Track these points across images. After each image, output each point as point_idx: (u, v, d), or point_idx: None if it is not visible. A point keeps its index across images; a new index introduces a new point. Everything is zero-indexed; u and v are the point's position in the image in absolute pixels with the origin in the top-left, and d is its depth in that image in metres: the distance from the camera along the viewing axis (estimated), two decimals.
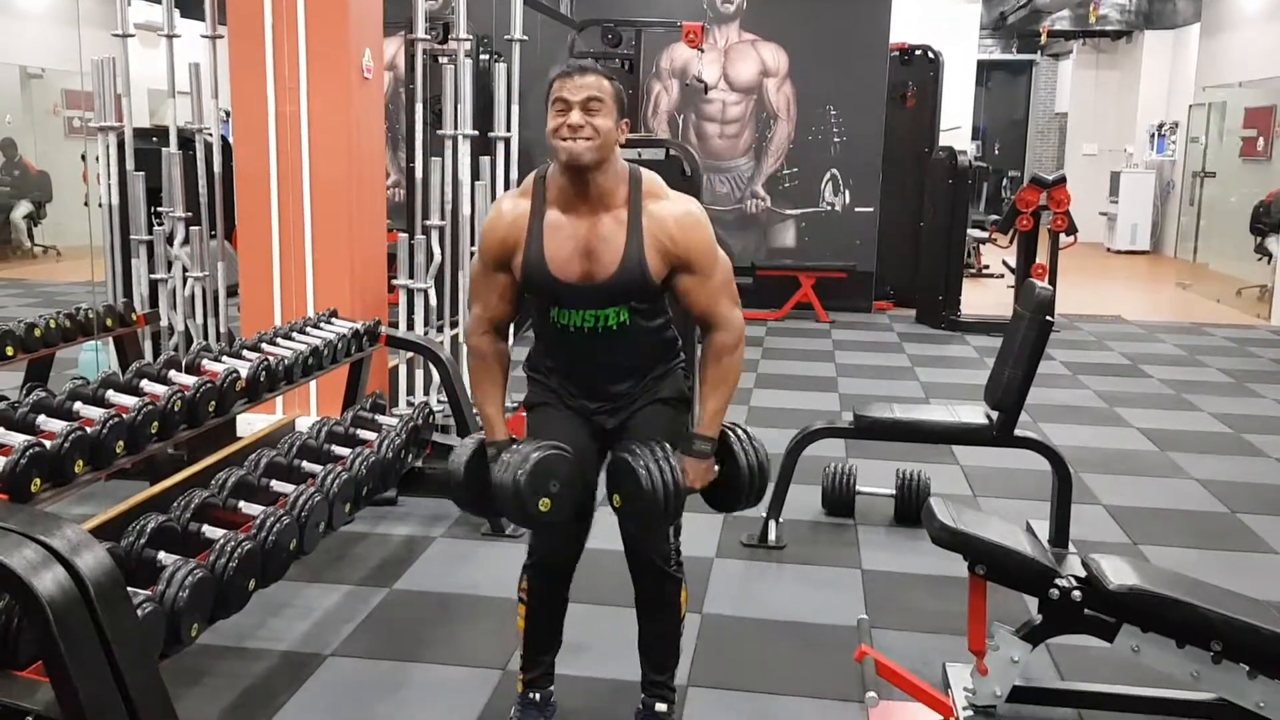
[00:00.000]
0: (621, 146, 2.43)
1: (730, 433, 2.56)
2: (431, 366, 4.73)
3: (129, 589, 1.95)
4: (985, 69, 17.38)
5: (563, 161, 2.37)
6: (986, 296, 10.65)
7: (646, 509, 2.41)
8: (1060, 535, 3.96)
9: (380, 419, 3.81)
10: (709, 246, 2.46)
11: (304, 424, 4.09)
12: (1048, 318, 3.74)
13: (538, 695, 2.77)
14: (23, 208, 12.28)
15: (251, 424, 4.45)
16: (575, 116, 2.33)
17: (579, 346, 2.52)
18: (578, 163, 2.35)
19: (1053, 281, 8.35)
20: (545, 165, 2.48)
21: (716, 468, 2.54)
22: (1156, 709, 2.81)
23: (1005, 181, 17.87)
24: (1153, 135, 15.51)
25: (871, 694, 2.69)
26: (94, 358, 5.07)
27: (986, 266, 12.39)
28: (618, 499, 2.46)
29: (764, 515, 4.11)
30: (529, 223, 2.44)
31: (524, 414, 2.68)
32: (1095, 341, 8.68)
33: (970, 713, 2.72)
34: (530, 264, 2.43)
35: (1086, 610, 2.61)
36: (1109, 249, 15.42)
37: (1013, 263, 9.12)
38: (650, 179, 2.48)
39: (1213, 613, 2.52)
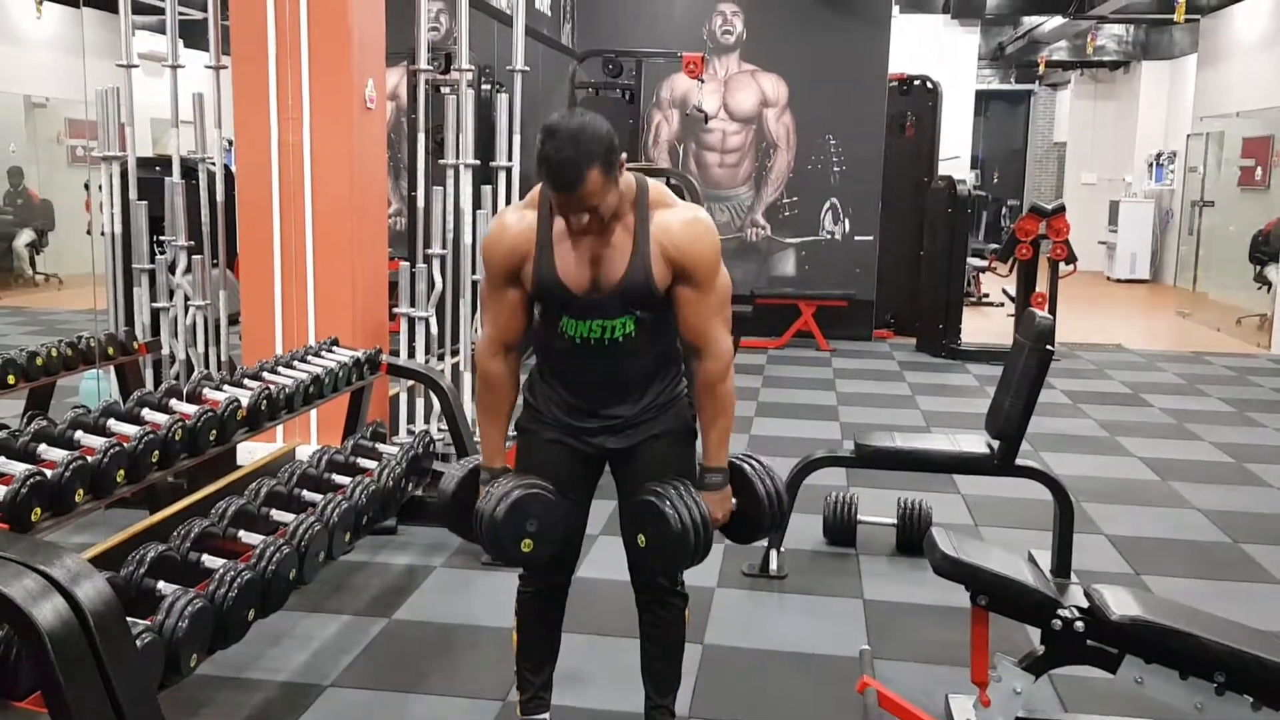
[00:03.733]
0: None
1: (744, 464, 2.58)
2: (432, 395, 4.73)
3: (128, 619, 1.94)
4: (984, 99, 17.50)
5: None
6: (987, 325, 10.67)
7: (677, 549, 2.41)
8: (1062, 565, 3.95)
9: (381, 447, 3.81)
10: (713, 260, 2.45)
11: (304, 452, 4.09)
12: (1048, 347, 3.74)
13: None
14: (25, 236, 12.31)
15: (252, 452, 4.45)
16: (579, 219, 2.34)
17: (584, 358, 2.51)
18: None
19: (1053, 310, 8.36)
20: None
21: (734, 500, 2.55)
22: None
23: (1004, 210, 17.93)
24: (1151, 164, 15.58)
25: None
26: (95, 386, 5.07)
27: (986, 295, 12.42)
28: (642, 539, 2.47)
29: (765, 545, 4.10)
30: (537, 232, 2.45)
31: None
32: (1096, 370, 8.69)
33: None
34: (541, 273, 2.44)
35: (1089, 641, 2.59)
36: (1109, 278, 15.45)
37: (1012, 291, 9.14)
38: (657, 189, 2.48)
39: (1216, 644, 2.51)
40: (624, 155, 2.41)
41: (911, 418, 6.89)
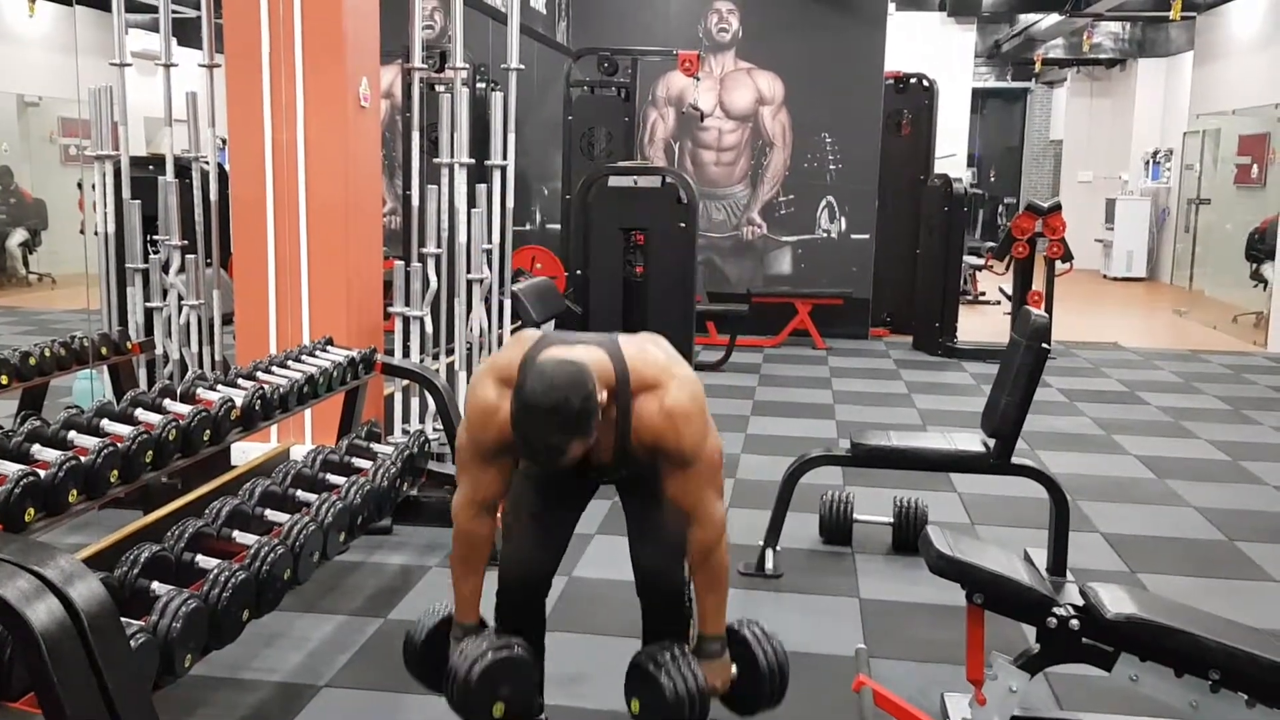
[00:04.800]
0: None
1: (746, 630, 2.54)
2: (427, 394, 4.72)
3: (122, 619, 1.94)
4: (980, 97, 17.53)
5: None
6: (983, 323, 10.67)
7: (671, 719, 2.37)
8: (1058, 564, 3.95)
9: (375, 447, 3.80)
10: (698, 439, 2.34)
11: (299, 452, 4.08)
12: (1044, 345, 3.74)
13: None
14: (18, 235, 12.28)
15: (246, 452, 4.44)
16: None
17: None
18: None
19: (1049, 308, 8.36)
20: (535, 345, 2.35)
21: (734, 666, 2.51)
22: None
23: (1001, 209, 17.93)
24: (1147, 162, 15.60)
25: None
26: (89, 386, 5.05)
27: (983, 293, 12.43)
28: (636, 705, 2.43)
29: (761, 544, 4.10)
30: None
31: None
32: (1092, 368, 8.69)
33: None
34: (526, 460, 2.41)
35: (1084, 639, 2.59)
36: (1105, 276, 15.46)
37: (1009, 289, 9.15)
38: (637, 369, 2.33)
39: (1211, 641, 2.51)
40: (603, 393, 2.24)
41: (907, 416, 6.89)
